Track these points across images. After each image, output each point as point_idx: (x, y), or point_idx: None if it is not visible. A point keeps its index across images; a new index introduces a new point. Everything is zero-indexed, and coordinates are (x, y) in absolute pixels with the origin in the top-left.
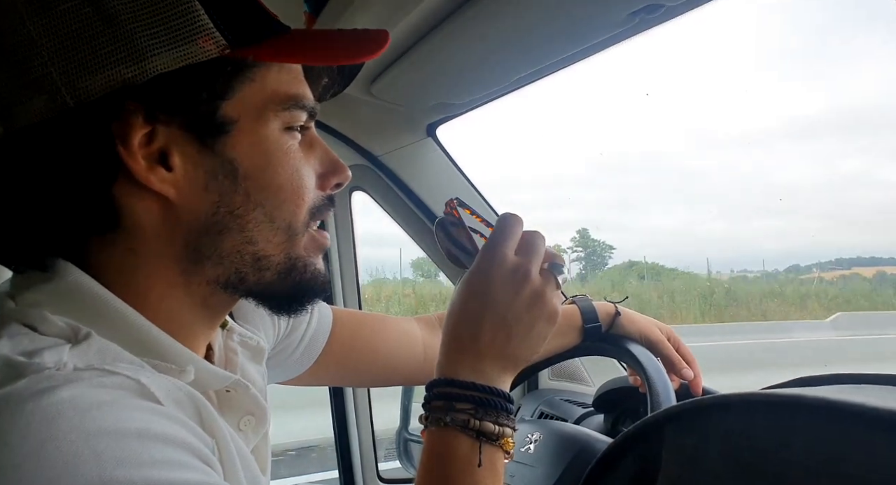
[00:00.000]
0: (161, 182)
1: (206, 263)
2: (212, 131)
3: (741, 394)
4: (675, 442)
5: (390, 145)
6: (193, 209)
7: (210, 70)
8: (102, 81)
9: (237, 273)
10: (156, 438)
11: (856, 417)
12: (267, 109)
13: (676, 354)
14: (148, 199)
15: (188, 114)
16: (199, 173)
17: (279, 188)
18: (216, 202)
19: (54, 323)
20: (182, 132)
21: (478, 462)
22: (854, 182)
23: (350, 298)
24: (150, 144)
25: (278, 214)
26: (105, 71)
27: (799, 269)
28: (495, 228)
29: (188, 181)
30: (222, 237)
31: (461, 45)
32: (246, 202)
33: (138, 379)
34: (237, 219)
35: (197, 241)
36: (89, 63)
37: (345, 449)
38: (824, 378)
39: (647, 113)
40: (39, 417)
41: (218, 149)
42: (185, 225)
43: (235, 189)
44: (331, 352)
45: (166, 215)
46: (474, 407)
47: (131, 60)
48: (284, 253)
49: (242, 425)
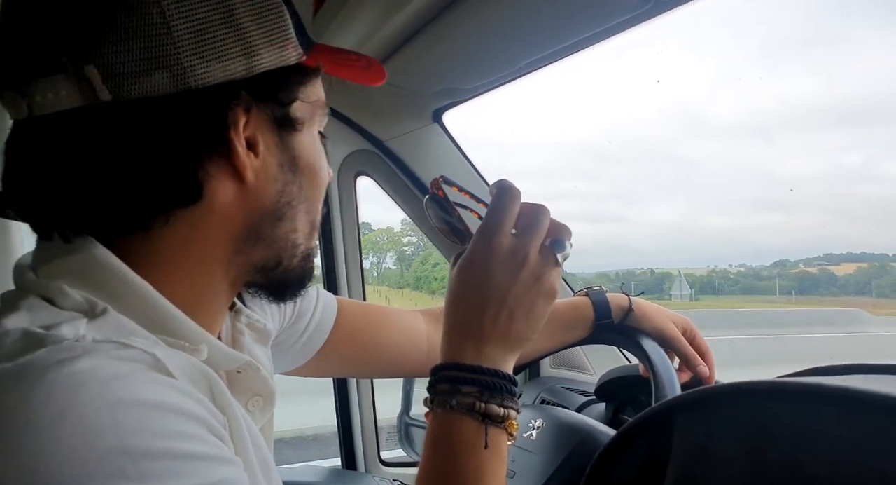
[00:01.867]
0: (249, 167)
1: (258, 245)
2: (288, 127)
3: (755, 382)
4: (686, 430)
5: (396, 130)
6: (262, 195)
7: (289, 73)
8: (221, 71)
9: (278, 258)
10: (172, 410)
11: (873, 406)
12: (315, 114)
13: (692, 350)
14: (229, 180)
15: (275, 109)
16: (273, 163)
17: (319, 185)
18: (280, 191)
19: (72, 297)
20: (268, 124)
21: (483, 444)
22: (856, 175)
23: (354, 284)
24: (245, 131)
25: (313, 208)
26: (225, 61)
27: (787, 263)
28: (490, 206)
29: (264, 169)
30: (280, 223)
31: (469, 29)
32: (299, 194)
33: (154, 353)
34: (292, 208)
35: (258, 224)
36: (213, 53)
37: (347, 434)
38: (841, 368)
39: (649, 101)
40: (61, 385)
41: (289, 143)
42: (252, 208)
43: (294, 181)
44: (334, 342)
45: (239, 198)
46: (479, 390)
47: (245, 55)
48: (307, 243)
49: (251, 406)
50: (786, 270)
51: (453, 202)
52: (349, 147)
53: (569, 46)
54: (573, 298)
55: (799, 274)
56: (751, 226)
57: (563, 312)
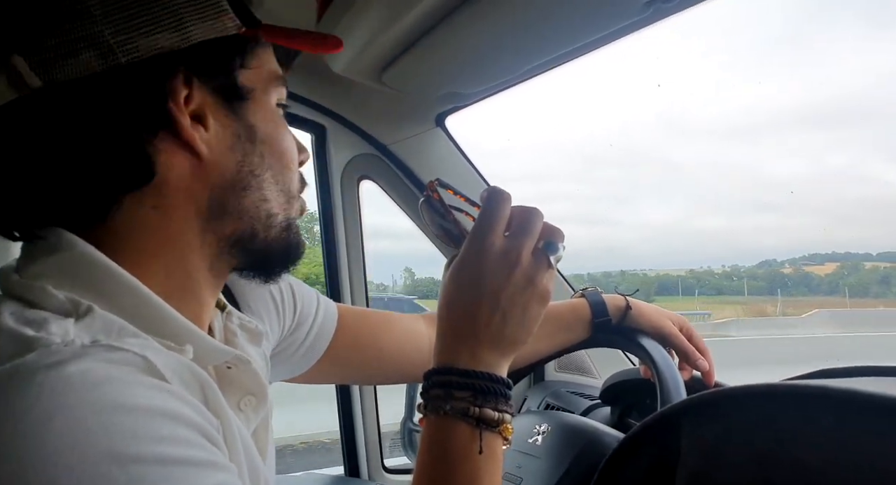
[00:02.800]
0: (199, 140)
1: (226, 219)
2: (237, 97)
3: (764, 385)
4: (695, 433)
5: (399, 135)
6: (221, 167)
7: (233, 43)
8: (151, 45)
9: (251, 229)
10: (164, 414)
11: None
12: (268, 84)
13: (690, 346)
14: (181, 155)
15: (218, 80)
16: (227, 134)
17: (282, 153)
18: (240, 161)
19: (55, 297)
20: (213, 95)
21: (478, 449)
22: (844, 177)
23: (357, 289)
24: (188, 104)
25: (281, 178)
26: (153, 36)
27: (773, 263)
28: (481, 208)
29: (218, 141)
30: (245, 193)
31: (473, 33)
32: (261, 164)
33: (145, 355)
34: (256, 178)
35: (222, 196)
36: (140, 27)
37: (350, 441)
38: (848, 370)
39: (638, 107)
40: (49, 389)
41: (241, 113)
42: (212, 182)
43: (254, 151)
44: (335, 349)
45: (196, 172)
46: (473, 394)
47: (174, 28)
48: (285, 213)
49: (242, 405)
50: (751, 271)
51: (448, 205)
52: (352, 151)
53: (571, 51)
54: (570, 300)
55: (769, 274)
56: (745, 227)
57: (561, 313)
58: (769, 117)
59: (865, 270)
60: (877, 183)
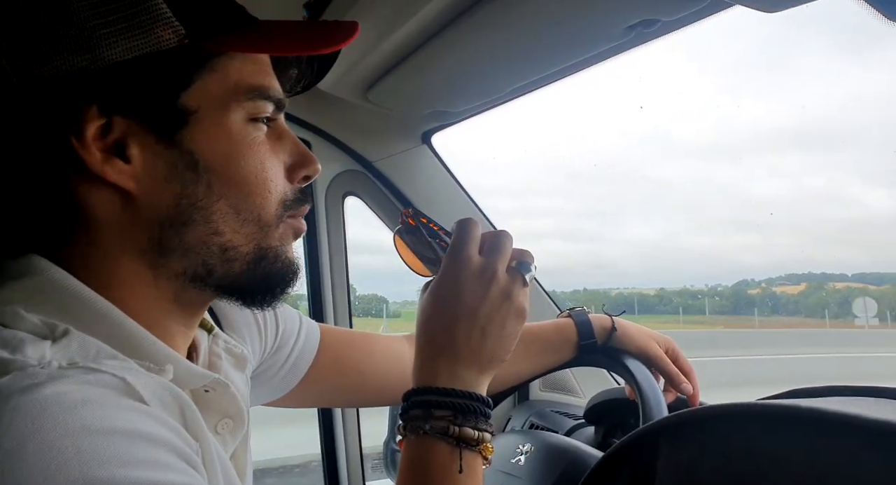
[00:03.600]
0: (118, 174)
1: (171, 256)
2: (170, 122)
3: (736, 404)
4: (671, 453)
5: (385, 151)
6: (154, 201)
7: (168, 60)
8: (52, 69)
9: (205, 265)
10: (141, 437)
11: (850, 428)
12: (229, 100)
13: (675, 369)
14: (106, 192)
15: (145, 105)
16: (159, 165)
17: (243, 180)
18: (178, 194)
19: (29, 321)
20: (139, 124)
21: (458, 468)
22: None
23: (340, 306)
24: (106, 135)
25: (244, 206)
26: (56, 59)
27: (748, 283)
28: (455, 232)
29: (147, 173)
30: (187, 229)
31: (458, 54)
32: (209, 194)
33: (124, 377)
34: (201, 211)
35: (160, 233)
36: (39, 50)
37: (332, 462)
38: (820, 390)
39: (627, 126)
40: (22, 413)
41: (177, 140)
42: (147, 217)
43: (197, 180)
44: (317, 371)
45: (127, 208)
46: (453, 413)
47: (83, 49)
48: (255, 244)
49: (220, 429)
50: (745, 289)
51: (425, 233)
52: (337, 167)
53: (555, 73)
54: (556, 320)
55: (732, 294)
56: (729, 247)
57: (547, 333)
58: (749, 137)
59: (829, 291)
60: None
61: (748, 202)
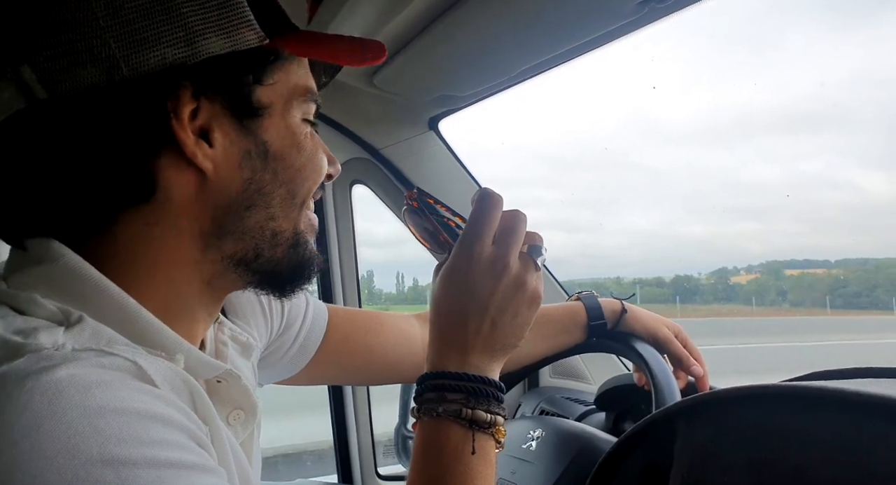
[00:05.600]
0: (203, 157)
1: (228, 239)
2: (249, 113)
3: (758, 386)
4: (689, 436)
5: (392, 138)
6: (226, 185)
7: (250, 57)
8: (158, 59)
9: (255, 249)
10: (155, 418)
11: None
12: (291, 99)
13: (685, 352)
14: (185, 172)
15: (230, 95)
16: (235, 151)
17: (301, 168)
18: (247, 179)
19: (45, 307)
20: (223, 111)
21: (471, 450)
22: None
23: (350, 293)
24: (194, 120)
25: (298, 191)
26: (161, 49)
27: (726, 271)
28: (472, 214)
29: (225, 158)
30: (249, 213)
31: (465, 35)
32: (273, 181)
33: (136, 361)
34: (264, 196)
35: (224, 216)
36: (147, 40)
37: (343, 448)
38: (844, 372)
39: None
40: (39, 394)
41: (253, 130)
42: (215, 200)
43: (265, 168)
44: (326, 351)
45: (200, 190)
46: (466, 397)
47: (185, 43)
48: (293, 227)
49: (231, 420)
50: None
51: (429, 214)
52: (344, 155)
53: (564, 53)
54: (566, 302)
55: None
56: (730, 233)
57: (558, 315)
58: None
59: (783, 278)
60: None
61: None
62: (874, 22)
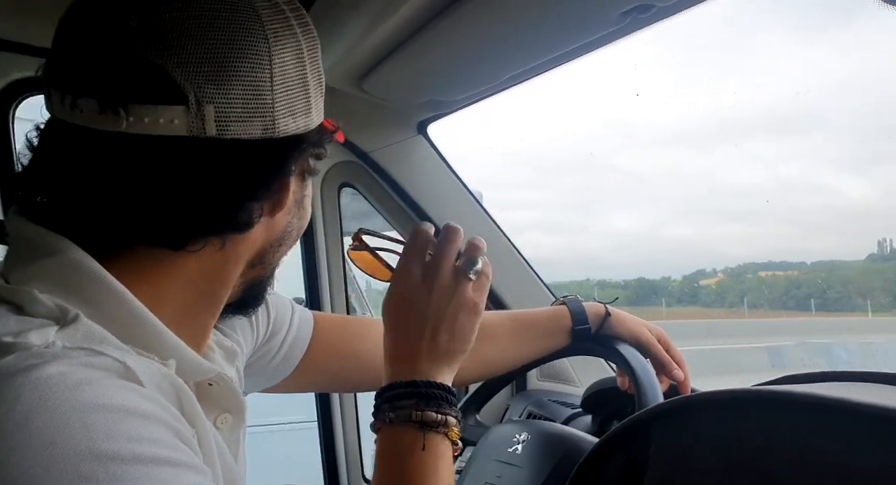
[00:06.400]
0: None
1: (258, 268)
2: (309, 173)
3: (728, 391)
4: (663, 440)
5: (381, 142)
6: (279, 226)
7: (323, 130)
8: (295, 125)
9: (265, 276)
10: (143, 415)
11: (841, 411)
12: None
13: (667, 356)
14: (265, 212)
15: (311, 159)
16: (292, 201)
17: (306, 213)
18: (289, 223)
19: (43, 303)
20: (300, 176)
21: (421, 447)
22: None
23: (337, 299)
24: None
25: (301, 232)
26: (298, 117)
27: (704, 273)
28: (407, 241)
29: (289, 204)
30: (279, 249)
31: (453, 41)
32: (297, 224)
33: (124, 361)
34: (289, 237)
35: (266, 249)
36: (293, 108)
37: (330, 453)
38: (814, 376)
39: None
40: (28, 390)
41: (302, 185)
42: (268, 237)
43: (297, 214)
44: (312, 357)
45: (264, 227)
46: (416, 401)
47: (305, 113)
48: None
49: (219, 423)
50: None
51: (374, 248)
52: (332, 158)
53: (551, 60)
54: (550, 307)
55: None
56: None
57: (542, 320)
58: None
59: (744, 281)
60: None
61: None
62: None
